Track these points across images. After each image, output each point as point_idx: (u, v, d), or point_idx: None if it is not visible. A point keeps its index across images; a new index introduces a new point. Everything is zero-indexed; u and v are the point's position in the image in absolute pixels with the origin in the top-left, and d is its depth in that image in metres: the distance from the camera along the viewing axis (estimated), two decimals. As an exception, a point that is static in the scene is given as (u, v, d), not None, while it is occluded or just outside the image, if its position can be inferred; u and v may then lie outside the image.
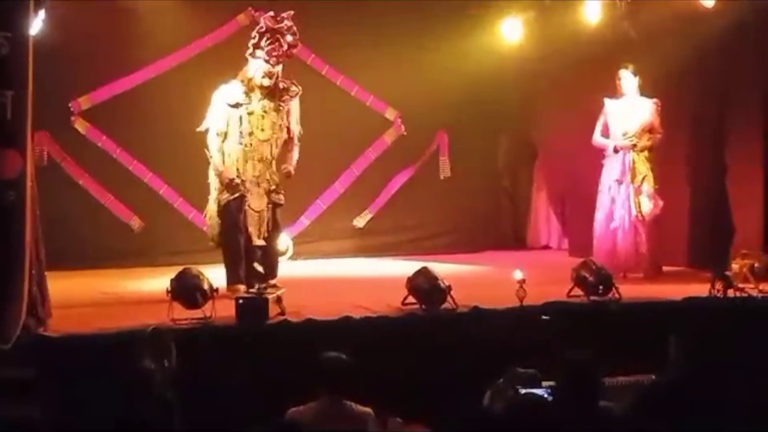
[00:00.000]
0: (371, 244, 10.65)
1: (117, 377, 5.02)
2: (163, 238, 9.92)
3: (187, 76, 9.73)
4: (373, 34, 10.26)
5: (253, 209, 7.79)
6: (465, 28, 10.32)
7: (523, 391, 4.50)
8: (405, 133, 10.81)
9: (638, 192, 8.57)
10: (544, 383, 4.64)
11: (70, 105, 9.79)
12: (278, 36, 7.69)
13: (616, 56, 8.94)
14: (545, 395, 4.47)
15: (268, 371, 6.11)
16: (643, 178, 8.57)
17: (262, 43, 7.67)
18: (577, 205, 10.28)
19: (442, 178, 11.00)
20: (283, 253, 10.09)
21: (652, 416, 4.24)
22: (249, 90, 7.75)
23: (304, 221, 10.55)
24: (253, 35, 7.75)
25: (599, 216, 8.80)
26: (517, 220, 11.63)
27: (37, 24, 6.28)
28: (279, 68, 7.77)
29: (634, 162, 8.59)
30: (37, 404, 4.57)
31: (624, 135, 8.65)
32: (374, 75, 10.47)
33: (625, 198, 8.62)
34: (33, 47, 6.09)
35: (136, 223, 10.02)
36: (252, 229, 7.81)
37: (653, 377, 4.92)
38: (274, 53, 7.68)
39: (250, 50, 7.72)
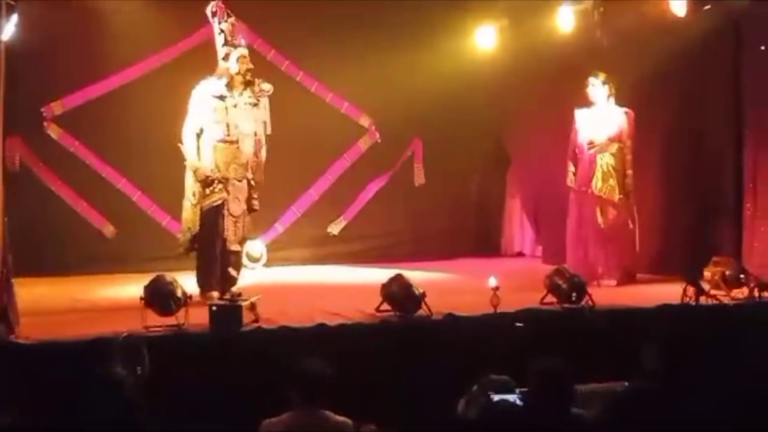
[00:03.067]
0: (346, 251, 10.64)
1: (89, 384, 4.98)
2: (137, 245, 9.86)
3: (161, 81, 9.69)
4: (348, 42, 10.27)
5: (231, 214, 7.82)
6: (440, 36, 10.34)
7: (495, 397, 4.51)
8: (380, 140, 10.83)
9: (601, 201, 8.62)
10: (518, 390, 4.64)
11: (42, 110, 9.74)
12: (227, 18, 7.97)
13: (588, 64, 9.00)
14: (516, 401, 4.48)
15: (242, 379, 6.08)
16: (608, 187, 8.61)
17: (227, 36, 7.88)
18: (550, 212, 10.32)
19: (416, 185, 11.02)
20: (258, 260, 10.10)
21: (624, 423, 4.26)
22: (230, 83, 7.85)
23: (279, 228, 10.53)
24: (217, 39, 7.93)
25: (569, 223, 8.86)
26: (491, 227, 11.67)
27: (9, 29, 6.24)
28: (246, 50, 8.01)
29: (601, 170, 8.64)
30: (7, 412, 4.53)
31: (589, 144, 8.69)
32: (349, 82, 10.47)
33: (589, 206, 8.68)
34: (5, 52, 6.06)
35: (109, 229, 9.96)
36: (230, 234, 7.84)
37: (626, 384, 4.94)
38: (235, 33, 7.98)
39: (223, 53, 7.88)
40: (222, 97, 7.83)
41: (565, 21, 9.24)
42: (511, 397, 4.53)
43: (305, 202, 10.64)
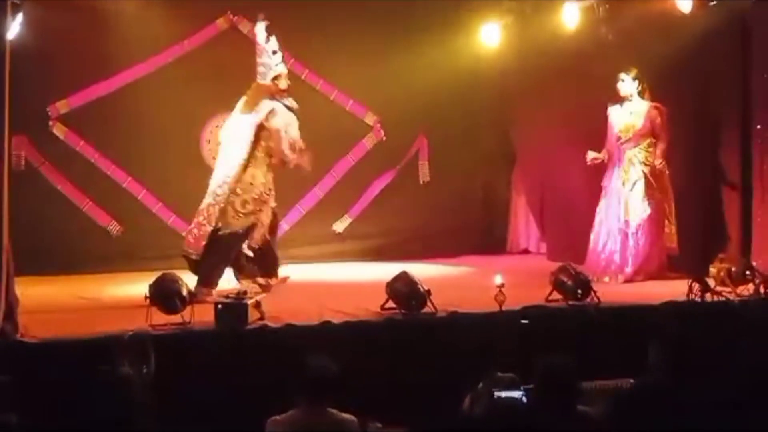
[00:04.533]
0: (351, 249, 10.65)
1: (95, 383, 4.99)
2: (142, 243, 9.88)
3: (166, 80, 9.73)
4: (354, 39, 10.28)
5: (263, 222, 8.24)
6: (445, 34, 10.35)
7: (502, 394, 4.51)
8: (385, 138, 10.83)
9: (628, 198, 8.58)
10: (523, 387, 4.64)
11: (48, 109, 9.75)
12: None
13: (593, 61, 8.98)
14: (521, 398, 4.48)
15: (248, 377, 6.09)
16: (635, 184, 8.57)
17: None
18: (555, 209, 10.31)
19: (421, 182, 11.02)
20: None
21: (630, 420, 4.26)
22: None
23: (284, 226, 10.50)
24: (272, 57, 8.22)
25: (596, 220, 8.79)
26: (496, 225, 11.65)
27: (14, 28, 6.25)
28: None
29: (629, 166, 8.60)
30: (14, 410, 4.53)
31: (618, 140, 8.67)
32: (354, 80, 10.48)
33: (615, 203, 8.64)
34: (10, 51, 6.06)
35: (114, 227, 9.98)
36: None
37: (632, 381, 4.94)
38: None
39: (280, 71, 8.26)
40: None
41: (570, 18, 9.23)
42: (516, 394, 4.53)
43: (310, 200, 10.65)
